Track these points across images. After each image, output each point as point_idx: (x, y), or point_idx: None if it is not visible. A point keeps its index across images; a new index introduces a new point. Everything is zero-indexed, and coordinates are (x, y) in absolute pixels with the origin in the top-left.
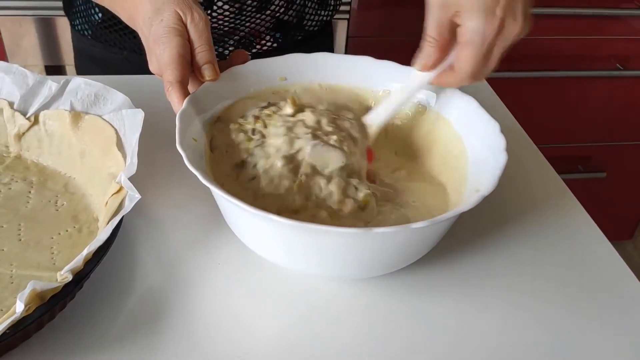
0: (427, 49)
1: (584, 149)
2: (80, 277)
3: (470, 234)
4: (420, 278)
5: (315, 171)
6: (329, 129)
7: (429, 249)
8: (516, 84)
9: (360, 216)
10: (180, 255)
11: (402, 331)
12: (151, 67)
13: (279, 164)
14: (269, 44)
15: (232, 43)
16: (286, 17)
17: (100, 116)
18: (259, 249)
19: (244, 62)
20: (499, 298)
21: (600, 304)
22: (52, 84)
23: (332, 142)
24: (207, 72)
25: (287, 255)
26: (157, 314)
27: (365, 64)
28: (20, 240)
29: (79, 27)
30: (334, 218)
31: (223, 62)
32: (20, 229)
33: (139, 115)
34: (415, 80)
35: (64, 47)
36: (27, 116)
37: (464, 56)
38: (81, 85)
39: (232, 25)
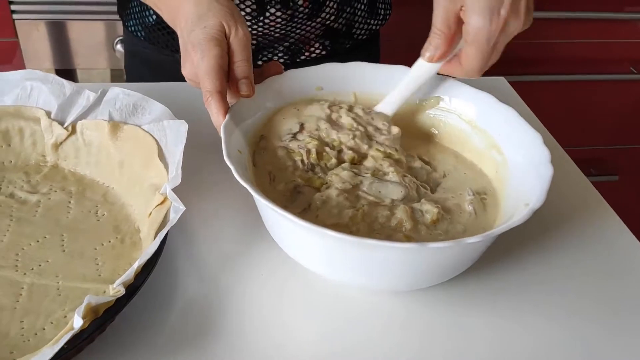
0: (435, 41)
1: (596, 152)
2: (132, 290)
3: (506, 245)
4: (458, 291)
5: (376, 202)
6: (388, 168)
7: (474, 261)
8: (529, 87)
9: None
10: (223, 267)
11: (440, 344)
12: (184, 71)
13: (337, 195)
14: (317, 51)
15: (281, 49)
16: (336, 25)
17: (139, 126)
18: (306, 262)
19: (277, 73)
20: (535, 312)
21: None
22: (89, 93)
23: (391, 179)
24: (243, 87)
25: (335, 268)
26: (201, 327)
27: (400, 73)
28: (64, 251)
29: (132, 28)
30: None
31: (256, 71)
32: (63, 240)
33: (182, 127)
34: (422, 70)
35: (75, 51)
36: (65, 126)
37: (470, 54)
38: (119, 95)
39: (283, 31)
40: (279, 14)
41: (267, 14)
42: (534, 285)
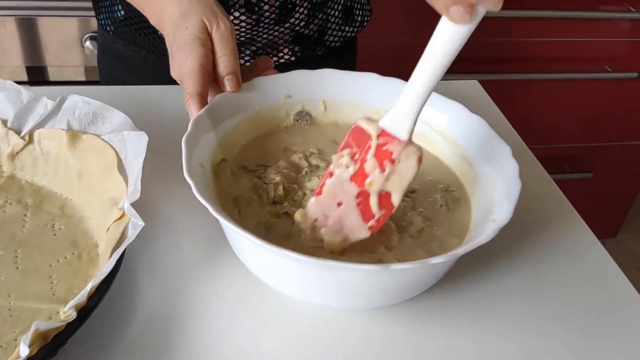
0: None
1: (570, 150)
2: (84, 313)
3: (478, 255)
4: (424, 306)
5: None
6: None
7: (442, 275)
8: (504, 86)
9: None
10: (184, 283)
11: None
12: (172, 73)
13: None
14: (286, 57)
15: (248, 53)
16: (307, 31)
17: (99, 136)
18: (267, 279)
19: (268, 68)
20: (508, 323)
21: (607, 324)
22: (47, 101)
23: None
24: (228, 83)
25: (302, 288)
26: (160, 345)
27: (370, 80)
28: (18, 268)
29: (103, 22)
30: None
31: (245, 67)
32: (17, 256)
33: (143, 138)
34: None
35: (45, 48)
36: (22, 135)
37: None
38: (79, 104)
39: (249, 35)
40: (243, 17)
41: (231, 18)
42: (503, 295)
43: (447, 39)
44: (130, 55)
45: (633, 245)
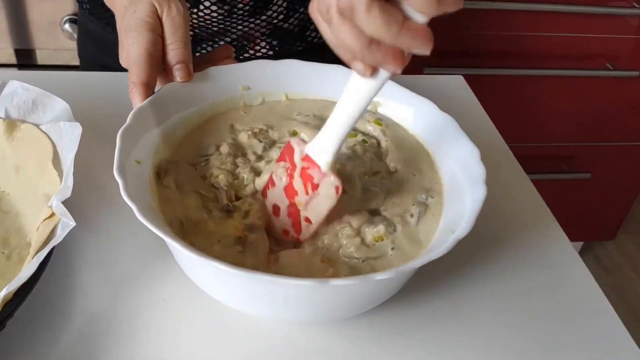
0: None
1: (568, 149)
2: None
3: (442, 265)
4: (381, 320)
5: None
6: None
7: (398, 289)
8: (502, 82)
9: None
10: (120, 289)
11: None
12: (121, 61)
13: None
14: (263, 50)
15: (222, 44)
16: (286, 25)
17: (37, 126)
18: (208, 290)
19: (227, 57)
20: (473, 336)
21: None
22: None
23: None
24: (178, 73)
25: (243, 302)
26: (92, 354)
27: (337, 73)
28: None
29: None
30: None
31: (203, 56)
32: None
33: (76, 130)
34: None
35: (34, 30)
36: None
37: None
38: (18, 90)
39: (222, 26)
40: (214, 7)
41: (202, 7)
42: (468, 306)
43: (359, 87)
44: (106, 36)
45: (632, 247)
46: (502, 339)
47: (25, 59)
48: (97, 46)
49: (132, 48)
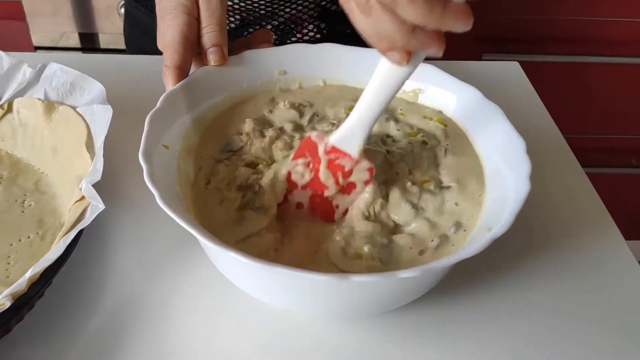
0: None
1: (638, 142)
2: (22, 303)
3: (485, 262)
4: (414, 319)
5: None
6: None
7: (427, 289)
8: (562, 69)
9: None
10: (148, 275)
11: None
12: (158, 44)
13: None
14: (311, 34)
15: (270, 28)
16: (334, 7)
17: (74, 108)
18: (235, 281)
19: (266, 41)
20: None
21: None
22: (27, 69)
23: None
24: (212, 57)
25: (269, 295)
26: (116, 342)
27: (377, 57)
28: None
29: None
30: None
31: (240, 40)
32: None
33: (107, 113)
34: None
35: (96, 15)
36: (0, 103)
37: None
38: (57, 72)
39: (270, 9)
40: None
41: None
42: (506, 313)
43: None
44: (152, 24)
45: None
46: (546, 345)
47: (89, 43)
48: (143, 33)
49: (167, 31)
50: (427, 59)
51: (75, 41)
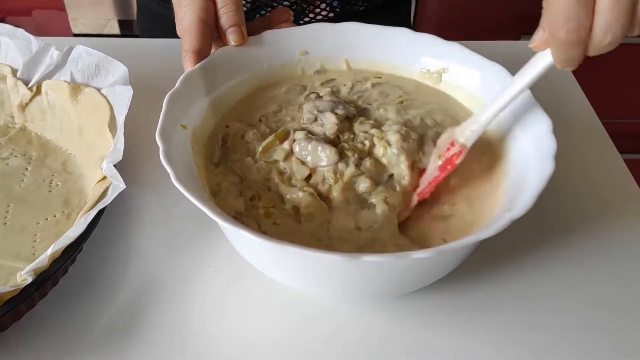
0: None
1: None
2: (44, 278)
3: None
4: (433, 301)
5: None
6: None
7: (447, 270)
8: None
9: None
10: (167, 255)
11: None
12: (177, 30)
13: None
14: (324, 12)
15: (280, 7)
16: None
17: (99, 90)
18: (253, 261)
19: (286, 21)
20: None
21: None
22: (54, 51)
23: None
24: (231, 37)
25: (285, 275)
26: (133, 322)
27: (401, 37)
28: (6, 224)
29: None
30: None
31: (259, 20)
32: (8, 211)
33: (128, 93)
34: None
35: (133, 2)
36: (30, 85)
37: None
38: (82, 55)
39: None
40: None
41: None
42: (524, 300)
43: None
44: (165, 13)
45: None
46: (573, 334)
47: (128, 30)
48: (157, 23)
49: (185, 16)
50: (458, 39)
51: (115, 29)
